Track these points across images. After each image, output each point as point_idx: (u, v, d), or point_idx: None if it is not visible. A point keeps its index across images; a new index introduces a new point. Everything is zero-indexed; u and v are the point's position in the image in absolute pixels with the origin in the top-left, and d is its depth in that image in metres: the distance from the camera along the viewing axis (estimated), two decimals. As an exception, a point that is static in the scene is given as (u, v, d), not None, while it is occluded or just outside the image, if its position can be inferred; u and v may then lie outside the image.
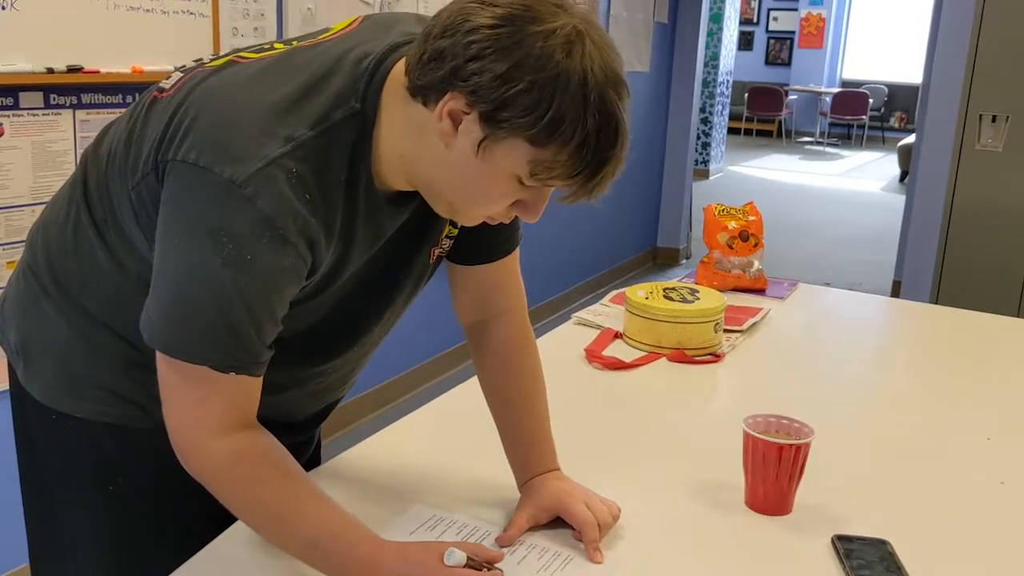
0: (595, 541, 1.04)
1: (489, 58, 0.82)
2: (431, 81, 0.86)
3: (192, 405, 0.90)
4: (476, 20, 0.83)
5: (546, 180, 0.87)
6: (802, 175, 9.85)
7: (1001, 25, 3.36)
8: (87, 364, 1.04)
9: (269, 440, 0.93)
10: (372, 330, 1.11)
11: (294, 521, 0.91)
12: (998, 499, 1.24)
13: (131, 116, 1.00)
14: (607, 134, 0.85)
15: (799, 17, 12.66)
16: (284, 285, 0.89)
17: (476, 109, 0.84)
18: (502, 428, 1.17)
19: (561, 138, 0.83)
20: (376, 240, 1.00)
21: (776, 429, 1.16)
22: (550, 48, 0.82)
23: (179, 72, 1.01)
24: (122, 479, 1.07)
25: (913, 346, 1.98)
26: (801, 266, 5.74)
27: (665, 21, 5.32)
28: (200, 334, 0.87)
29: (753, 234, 2.11)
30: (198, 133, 0.87)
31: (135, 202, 0.94)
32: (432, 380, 3.58)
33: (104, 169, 1.00)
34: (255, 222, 0.84)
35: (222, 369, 0.88)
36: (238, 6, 2.44)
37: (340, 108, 0.90)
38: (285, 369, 0.96)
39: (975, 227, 3.52)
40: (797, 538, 1.11)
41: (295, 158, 0.86)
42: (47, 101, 2.01)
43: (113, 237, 0.99)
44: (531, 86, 0.82)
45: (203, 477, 0.92)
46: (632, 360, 1.66)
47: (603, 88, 0.84)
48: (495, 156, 0.86)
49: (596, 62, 0.84)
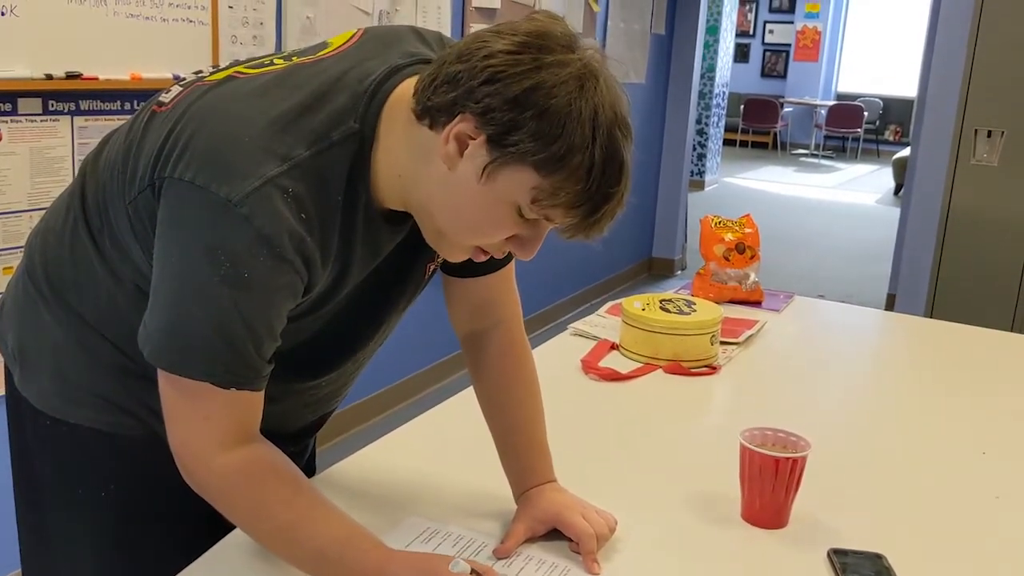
0: (592, 553, 1.04)
1: (504, 82, 0.83)
2: (442, 103, 0.86)
3: (195, 421, 0.90)
4: (494, 46, 0.84)
5: (547, 209, 0.87)
6: (797, 187, 9.88)
7: (997, 41, 3.38)
8: (82, 371, 1.05)
9: (273, 452, 0.93)
10: (367, 345, 1.11)
11: (303, 532, 0.91)
12: (993, 513, 1.24)
13: (130, 128, 1.00)
14: (611, 170, 0.86)
15: (795, 30, 12.73)
16: (281, 301, 0.90)
17: (484, 133, 0.84)
18: (498, 439, 1.17)
19: (567, 168, 0.84)
20: (374, 258, 1.00)
21: (773, 442, 1.16)
22: (564, 78, 0.83)
23: (179, 86, 1.01)
24: (114, 486, 1.07)
25: (908, 360, 1.99)
26: (796, 278, 5.75)
27: (662, 32, 5.34)
28: (200, 351, 0.87)
29: (749, 246, 2.12)
30: (195, 151, 0.87)
31: (132, 215, 0.95)
32: (428, 389, 3.57)
33: (102, 180, 1.00)
34: (251, 240, 0.84)
35: (224, 385, 0.88)
36: (237, 14, 2.45)
37: (339, 128, 0.90)
38: (280, 382, 0.96)
39: (970, 241, 3.53)
40: (793, 551, 1.11)
41: (292, 177, 0.86)
42: (45, 107, 2.01)
43: (109, 247, 0.99)
44: (542, 112, 0.82)
45: (208, 492, 0.92)
46: (628, 371, 1.66)
47: (611, 126, 0.85)
48: (498, 182, 0.86)
49: (606, 101, 0.85)
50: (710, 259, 2.11)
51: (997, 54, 3.39)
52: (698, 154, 9.02)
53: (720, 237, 2.11)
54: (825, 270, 6.19)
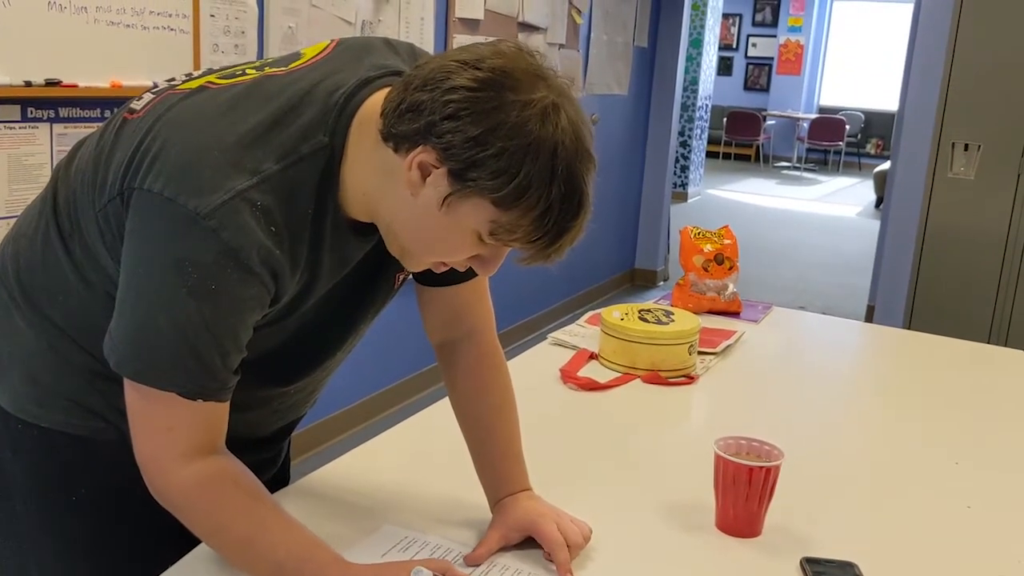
0: (566, 562, 1.04)
1: (465, 120, 0.84)
2: (405, 131, 0.87)
3: (160, 431, 0.90)
4: (456, 80, 0.85)
5: (506, 242, 0.89)
6: (779, 199, 9.94)
7: (974, 56, 3.42)
8: (54, 375, 1.04)
9: (236, 465, 0.94)
10: (335, 354, 1.12)
11: (262, 545, 0.92)
12: (965, 523, 1.25)
13: (101, 135, 1.01)
14: (570, 205, 0.87)
15: (778, 44, 12.83)
16: (247, 313, 0.90)
17: (446, 166, 0.86)
18: (473, 447, 1.17)
19: (525, 204, 0.85)
20: (341, 268, 1.01)
21: (747, 451, 1.17)
22: (525, 118, 0.84)
23: (151, 93, 1.01)
24: (85, 490, 1.07)
25: (884, 371, 2.00)
26: (776, 289, 5.79)
27: (645, 45, 5.37)
28: (167, 362, 0.87)
29: (728, 257, 2.13)
30: (165, 163, 0.88)
31: (101, 223, 0.95)
32: (406, 400, 3.56)
33: (73, 186, 1.01)
34: (219, 253, 0.85)
35: (190, 396, 0.89)
36: (219, 23, 2.45)
37: (308, 141, 0.91)
38: (249, 390, 0.97)
39: (947, 253, 3.57)
40: (766, 560, 1.11)
41: (261, 191, 0.87)
42: (24, 114, 2.00)
43: (79, 253, 0.99)
44: (502, 152, 0.84)
45: (171, 502, 0.92)
46: (607, 381, 1.67)
47: (572, 161, 0.86)
48: (459, 212, 0.88)
49: (568, 135, 0.86)
50: (689, 270, 2.12)
51: (974, 69, 3.44)
52: (681, 166, 9.07)
53: (699, 248, 2.12)
54: (806, 282, 6.23)
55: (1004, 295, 3.51)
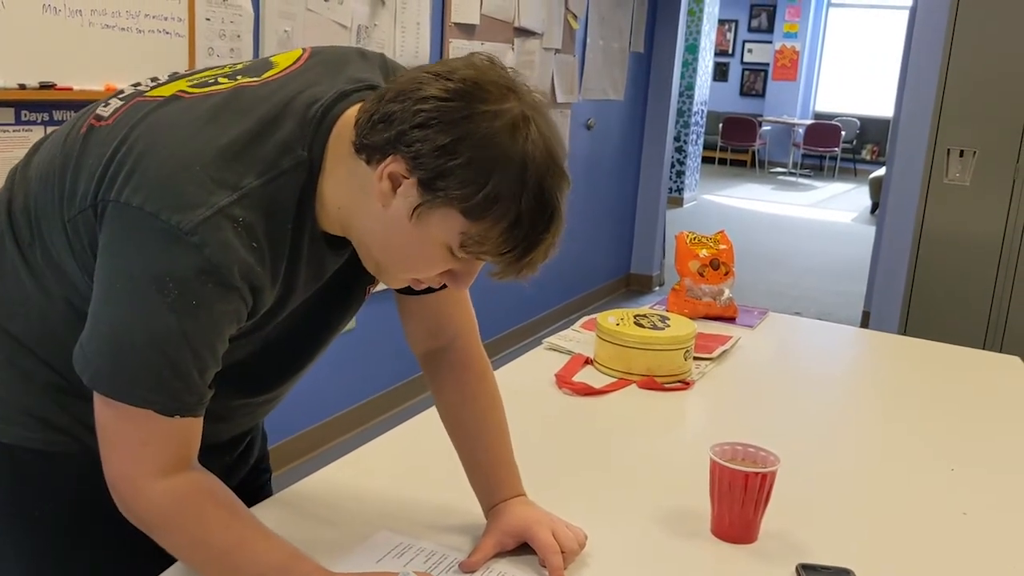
0: (560, 568, 1.04)
1: (434, 128, 0.84)
2: (376, 142, 0.87)
3: (132, 448, 0.88)
4: (427, 91, 0.86)
5: (476, 254, 0.89)
6: (775, 205, 9.96)
7: (969, 63, 3.43)
8: (13, 389, 1.02)
9: (211, 480, 0.93)
10: (307, 364, 1.12)
11: (242, 559, 0.90)
12: (960, 530, 1.25)
13: (65, 140, 0.98)
14: (541, 218, 0.87)
15: (773, 50, 12.85)
16: (226, 327, 0.89)
17: (415, 175, 0.86)
18: (463, 455, 1.16)
19: (494, 215, 0.85)
20: (317, 281, 1.00)
21: (743, 457, 1.17)
22: (495, 129, 0.85)
23: (118, 99, 0.99)
24: (49, 505, 1.04)
25: (880, 377, 2.00)
26: (772, 295, 5.79)
27: (641, 51, 5.38)
28: (145, 379, 0.86)
29: (724, 262, 2.13)
30: (144, 176, 0.86)
31: (70, 233, 0.93)
32: (399, 406, 3.55)
33: (33, 191, 0.98)
34: (200, 269, 0.84)
35: (167, 413, 0.87)
36: (215, 27, 2.44)
37: (288, 155, 0.90)
38: (222, 400, 0.95)
39: (943, 259, 3.57)
40: (762, 566, 1.11)
41: (243, 207, 0.87)
42: (18, 117, 2.00)
43: (40, 263, 0.97)
44: (470, 161, 0.84)
45: (145, 521, 0.90)
46: (602, 386, 1.66)
47: (542, 174, 0.86)
48: (429, 223, 0.88)
49: (539, 148, 0.86)
50: (685, 275, 2.12)
51: (969, 76, 3.44)
52: (677, 171, 9.08)
53: (695, 253, 2.12)
54: (802, 287, 6.23)
55: (999, 301, 3.52)
